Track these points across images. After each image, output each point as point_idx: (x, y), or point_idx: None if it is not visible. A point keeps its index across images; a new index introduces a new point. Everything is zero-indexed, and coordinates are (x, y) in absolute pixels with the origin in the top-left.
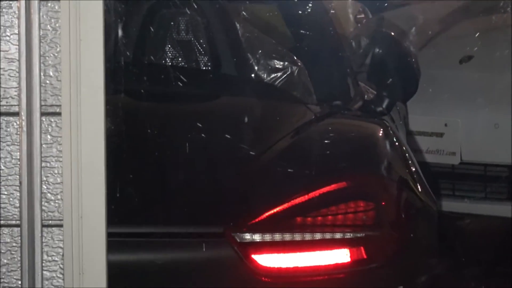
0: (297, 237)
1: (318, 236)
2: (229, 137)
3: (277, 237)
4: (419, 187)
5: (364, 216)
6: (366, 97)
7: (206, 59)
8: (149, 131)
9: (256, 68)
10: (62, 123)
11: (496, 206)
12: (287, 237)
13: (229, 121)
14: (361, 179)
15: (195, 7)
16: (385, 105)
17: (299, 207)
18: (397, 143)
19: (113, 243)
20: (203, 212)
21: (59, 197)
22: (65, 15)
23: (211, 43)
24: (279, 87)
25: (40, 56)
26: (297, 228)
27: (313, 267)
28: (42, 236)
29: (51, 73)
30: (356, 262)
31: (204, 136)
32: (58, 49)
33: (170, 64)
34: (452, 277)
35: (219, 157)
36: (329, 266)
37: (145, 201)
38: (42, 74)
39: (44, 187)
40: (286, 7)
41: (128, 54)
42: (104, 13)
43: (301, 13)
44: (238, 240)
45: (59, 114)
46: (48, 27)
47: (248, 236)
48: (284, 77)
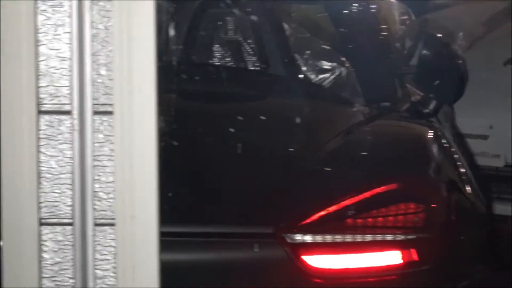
0: (348, 238)
1: (369, 237)
2: (279, 138)
3: (328, 238)
4: (468, 189)
5: (415, 218)
6: (413, 98)
7: (254, 59)
8: (200, 131)
9: (304, 68)
10: (113, 122)
11: None
12: (338, 238)
13: (279, 122)
14: (412, 181)
15: (244, 7)
16: (432, 107)
17: (349, 208)
18: (446, 145)
19: (165, 242)
20: (254, 212)
21: (111, 196)
22: (117, 14)
23: (259, 43)
24: (327, 88)
25: (91, 55)
26: (347, 229)
27: (364, 268)
28: (94, 234)
29: (103, 72)
30: (408, 264)
31: (255, 136)
32: (109, 48)
33: (218, 63)
34: (497, 280)
35: (269, 158)
36: (381, 267)
37: (197, 201)
38: (94, 73)
39: (96, 186)
40: (333, 7)
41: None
42: (155, 12)
43: (348, 13)
44: (288, 241)
45: (110, 113)
46: (99, 26)
47: (298, 237)
48: (332, 78)
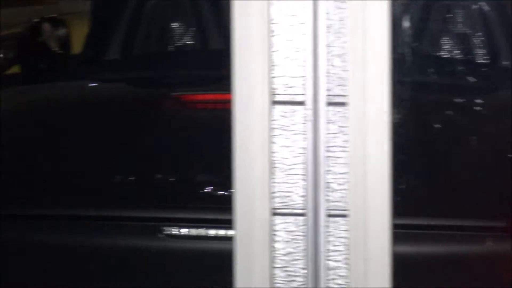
0: None
1: None
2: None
3: None
4: None
5: None
6: None
7: (483, 51)
8: (432, 123)
9: None
10: (347, 113)
11: None
12: None
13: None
14: None
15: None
16: None
17: None
18: None
19: (398, 234)
20: (486, 206)
21: (343, 187)
22: (352, 5)
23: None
24: None
25: (326, 46)
26: None
27: None
28: (326, 225)
29: (337, 63)
30: None
31: (487, 130)
32: (343, 39)
33: (449, 56)
34: None
35: (502, 152)
36: None
37: (430, 194)
38: (327, 63)
39: (328, 177)
40: None
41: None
42: (389, 4)
43: None
44: None
45: (344, 104)
46: (334, 17)
47: None
48: None
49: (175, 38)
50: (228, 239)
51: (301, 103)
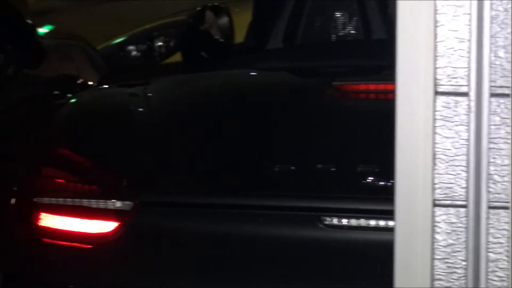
0: None
1: None
2: None
3: None
4: None
5: None
6: None
7: None
8: None
9: None
10: (510, 105)
11: None
12: None
13: None
14: None
15: None
16: None
17: None
18: None
19: None
20: None
21: (505, 179)
22: None
23: None
24: None
25: (490, 36)
26: None
27: None
28: (487, 217)
29: (501, 54)
30: None
31: None
32: (508, 30)
33: None
34: None
35: None
36: None
37: None
38: (491, 54)
39: (491, 168)
40: None
41: None
42: None
43: None
44: None
45: (507, 95)
46: (499, 7)
47: None
48: None
49: (338, 27)
50: (388, 230)
51: (464, 94)
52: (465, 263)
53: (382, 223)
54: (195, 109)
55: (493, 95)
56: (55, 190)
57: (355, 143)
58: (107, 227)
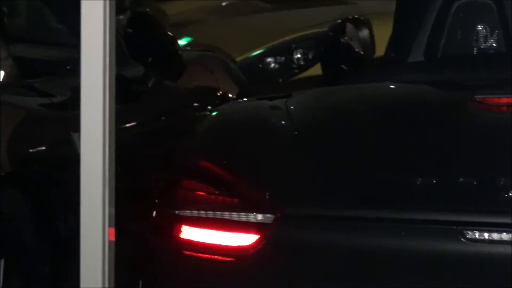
0: None
1: None
2: None
3: None
4: None
5: None
6: None
7: None
8: None
9: None
10: None
11: None
12: None
13: None
14: None
15: None
16: None
17: None
18: None
19: None
20: None
21: None
22: None
23: None
24: None
25: None
26: None
27: None
28: None
29: None
30: None
31: None
32: None
33: None
34: None
35: None
36: None
37: None
38: None
39: None
40: None
41: None
42: None
43: None
44: None
45: None
46: None
47: None
48: None
49: (480, 40)
50: None
51: None
52: None
53: None
54: (337, 122)
55: None
56: (196, 202)
57: (497, 156)
58: (248, 240)
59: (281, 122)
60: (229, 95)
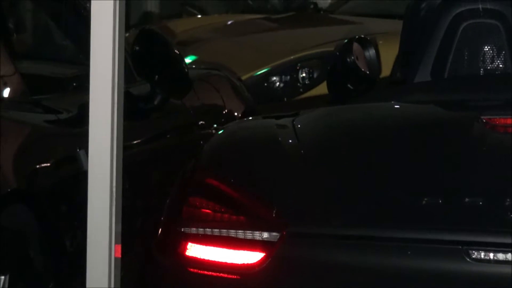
0: None
1: None
2: None
3: None
4: None
5: None
6: None
7: None
8: None
9: None
10: None
11: None
12: None
13: None
14: None
15: None
16: None
17: None
18: None
19: None
20: None
21: None
22: None
23: None
24: None
25: None
26: None
27: None
28: None
29: None
30: None
31: None
32: None
33: None
34: None
35: None
36: None
37: None
38: None
39: None
40: None
41: None
42: None
43: None
44: None
45: None
46: None
47: None
48: None
49: (486, 61)
50: None
51: None
52: None
53: None
54: (343, 142)
55: None
56: (202, 220)
57: (503, 177)
58: (254, 257)
59: (288, 140)
60: (235, 114)
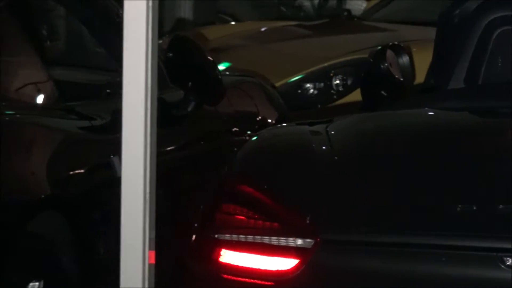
0: None
1: None
2: None
3: None
4: None
5: None
6: None
7: None
8: None
9: None
10: None
11: None
12: None
13: None
14: None
15: None
16: None
17: None
18: None
19: None
20: None
21: None
22: None
23: None
24: None
25: None
26: None
27: None
28: None
29: None
30: None
31: None
32: None
33: None
34: None
35: None
36: None
37: None
38: None
39: None
40: None
41: None
42: None
43: None
44: None
45: None
46: None
47: None
48: None
49: None
50: None
51: None
52: None
53: None
54: (376, 148)
55: None
56: (235, 226)
57: None
58: (287, 264)
59: (322, 147)
60: (268, 120)
